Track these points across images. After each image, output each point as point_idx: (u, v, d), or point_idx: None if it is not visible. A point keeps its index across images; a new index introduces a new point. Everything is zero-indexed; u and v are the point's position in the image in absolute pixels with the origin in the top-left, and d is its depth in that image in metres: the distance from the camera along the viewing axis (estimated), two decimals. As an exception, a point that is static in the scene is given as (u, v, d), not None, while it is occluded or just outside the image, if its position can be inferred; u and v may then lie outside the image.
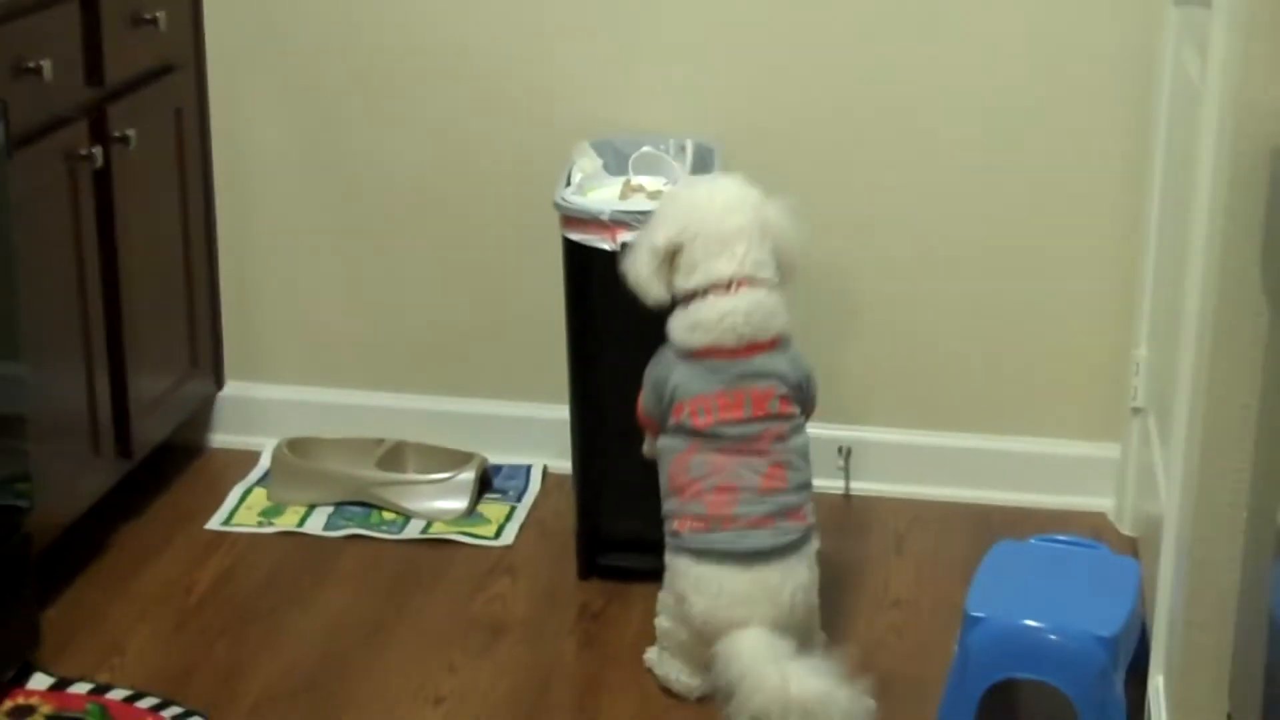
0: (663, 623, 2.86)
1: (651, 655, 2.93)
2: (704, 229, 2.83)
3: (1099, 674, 2.60)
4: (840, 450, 3.52)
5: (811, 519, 2.83)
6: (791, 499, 2.80)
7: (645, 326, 2.95)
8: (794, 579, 2.77)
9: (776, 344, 2.85)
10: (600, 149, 3.32)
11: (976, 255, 3.44)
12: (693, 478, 2.78)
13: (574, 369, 3.18)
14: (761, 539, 2.75)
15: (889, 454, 3.54)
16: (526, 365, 3.60)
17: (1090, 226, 3.39)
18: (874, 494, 3.53)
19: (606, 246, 3.02)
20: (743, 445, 2.79)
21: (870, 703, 2.66)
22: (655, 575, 2.96)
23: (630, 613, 3.10)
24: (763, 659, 2.65)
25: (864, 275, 3.48)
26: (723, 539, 2.75)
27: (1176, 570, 2.52)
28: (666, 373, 2.84)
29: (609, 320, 3.06)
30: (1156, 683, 2.62)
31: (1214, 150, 2.41)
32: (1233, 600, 2.34)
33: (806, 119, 3.42)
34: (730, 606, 2.72)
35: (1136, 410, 3.35)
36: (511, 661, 2.98)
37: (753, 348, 2.82)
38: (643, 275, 2.87)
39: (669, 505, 2.82)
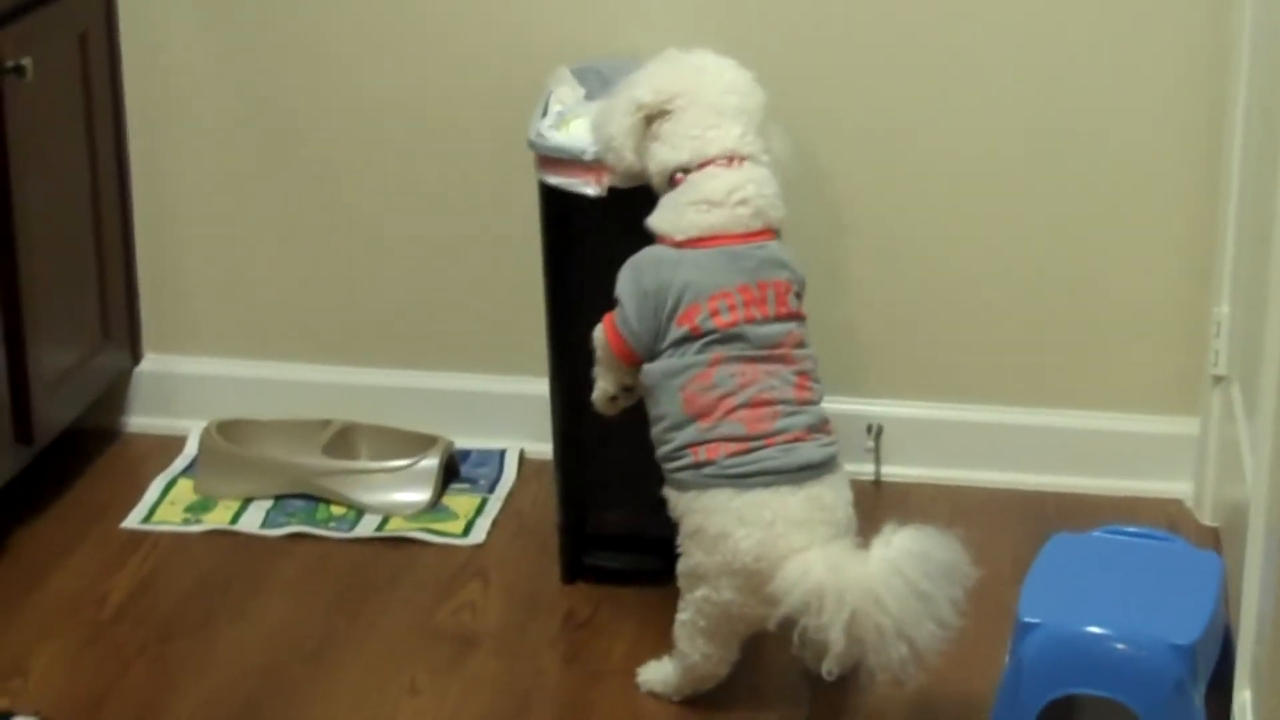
0: (694, 592, 2.81)
1: (647, 674, 2.93)
2: (701, 98, 2.86)
3: (1175, 688, 2.60)
4: (869, 429, 3.52)
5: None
6: (822, 410, 2.84)
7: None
8: (844, 495, 2.81)
9: (778, 234, 2.88)
10: (582, 76, 3.30)
11: (1027, 198, 3.43)
12: (721, 394, 2.78)
13: (553, 336, 3.17)
14: (810, 452, 2.78)
15: (926, 433, 3.54)
16: (498, 333, 3.60)
17: (1161, 161, 3.38)
18: (909, 479, 3.54)
19: (590, 191, 3.01)
20: (767, 351, 2.80)
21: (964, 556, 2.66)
22: (650, 576, 2.96)
23: (622, 621, 3.10)
24: (838, 562, 2.65)
25: (894, 223, 3.47)
26: (769, 456, 2.75)
27: (1266, 565, 2.53)
28: (670, 272, 2.81)
29: (594, 278, 3.04)
30: (1243, 698, 2.63)
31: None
32: (1332, 600, 2.35)
33: (821, 39, 3.41)
34: (787, 534, 2.72)
35: (1218, 378, 3.34)
36: (484, 680, 2.98)
37: (766, 231, 2.85)
38: (616, 132, 2.89)
39: (684, 435, 2.79)
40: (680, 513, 2.82)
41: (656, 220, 2.87)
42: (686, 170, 2.85)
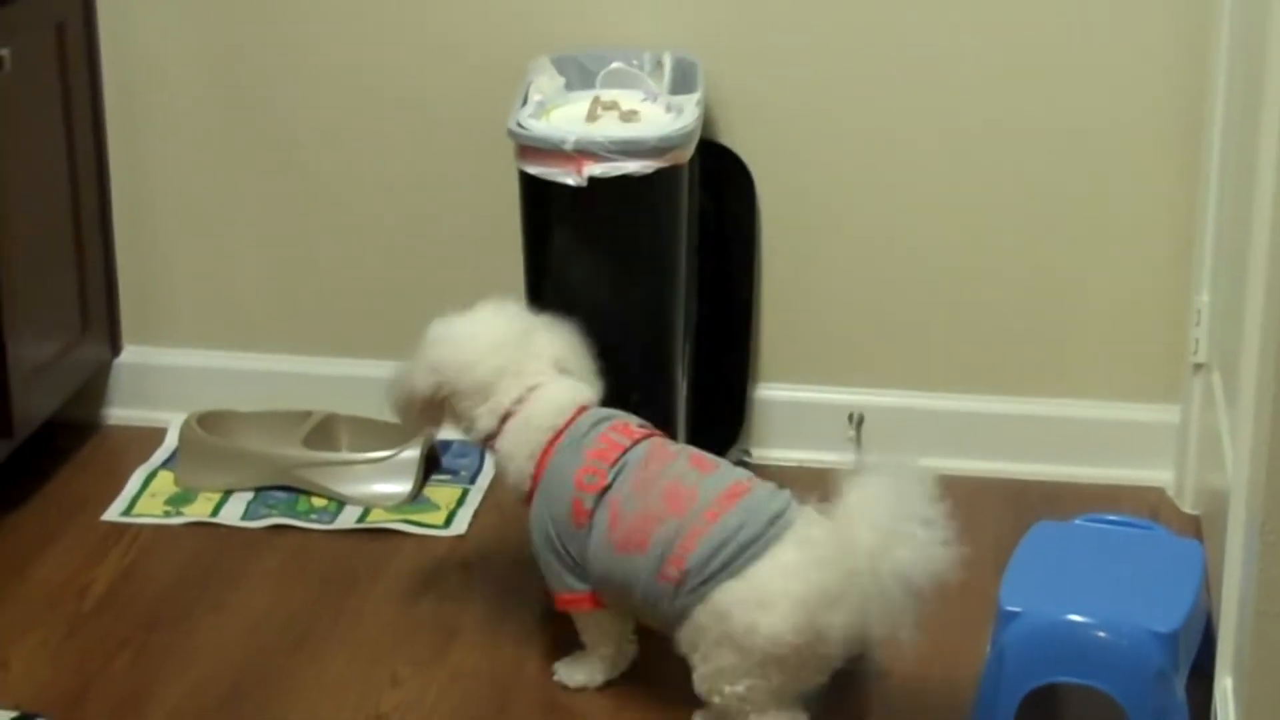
0: (735, 687, 2.66)
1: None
2: (460, 383, 2.88)
3: (1157, 676, 2.61)
4: (851, 417, 3.53)
5: None
6: (738, 470, 2.79)
7: (615, 275, 2.93)
8: (826, 528, 2.67)
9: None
10: (562, 66, 3.31)
11: (1008, 189, 3.44)
12: (636, 515, 2.72)
13: (534, 326, 3.17)
14: (761, 499, 2.69)
15: (907, 421, 3.54)
16: (479, 322, 3.60)
17: (1141, 150, 3.39)
18: (890, 469, 3.54)
19: (570, 181, 3.00)
20: (646, 463, 2.77)
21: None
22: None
23: (605, 612, 3.10)
24: (825, 550, 2.60)
25: (874, 212, 3.47)
26: (730, 530, 2.65)
27: (1247, 553, 2.53)
28: (542, 514, 2.82)
29: (573, 268, 3.05)
30: (1224, 685, 2.63)
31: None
32: (1313, 587, 2.35)
33: (805, 28, 3.41)
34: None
35: (1198, 366, 3.35)
36: (465, 671, 2.99)
37: (580, 407, 2.86)
38: (406, 418, 2.96)
39: (643, 575, 2.70)
40: (693, 637, 2.69)
41: (504, 471, 2.90)
42: (493, 435, 2.87)
